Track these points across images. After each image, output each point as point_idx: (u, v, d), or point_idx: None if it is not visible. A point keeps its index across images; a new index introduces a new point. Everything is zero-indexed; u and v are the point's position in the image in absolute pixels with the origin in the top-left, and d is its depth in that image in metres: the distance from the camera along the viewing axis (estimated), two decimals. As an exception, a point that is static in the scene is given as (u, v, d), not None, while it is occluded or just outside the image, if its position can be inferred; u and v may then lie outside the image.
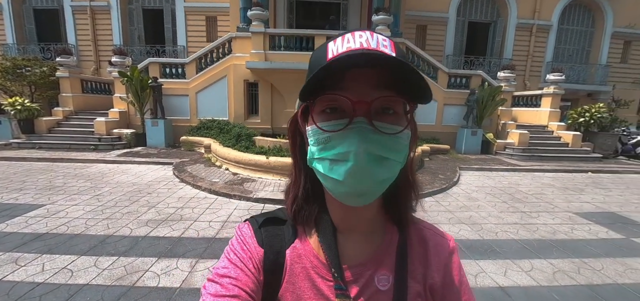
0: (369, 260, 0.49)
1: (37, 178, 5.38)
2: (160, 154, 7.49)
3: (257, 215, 0.55)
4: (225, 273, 0.45)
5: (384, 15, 8.81)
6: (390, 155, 0.41)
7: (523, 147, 9.09)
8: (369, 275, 0.48)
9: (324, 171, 0.42)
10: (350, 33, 0.41)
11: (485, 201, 4.89)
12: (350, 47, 0.39)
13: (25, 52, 12.37)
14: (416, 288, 0.49)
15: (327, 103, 0.41)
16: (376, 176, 0.40)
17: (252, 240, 0.50)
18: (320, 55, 0.42)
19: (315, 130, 0.42)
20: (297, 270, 0.49)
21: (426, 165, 7.07)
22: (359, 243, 0.50)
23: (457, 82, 10.07)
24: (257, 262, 0.48)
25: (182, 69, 9.37)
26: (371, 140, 0.39)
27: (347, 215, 0.48)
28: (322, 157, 0.42)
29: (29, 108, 8.26)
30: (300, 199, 0.51)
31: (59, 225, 3.47)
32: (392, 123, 0.41)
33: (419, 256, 0.52)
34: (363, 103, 0.39)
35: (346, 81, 0.39)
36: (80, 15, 12.82)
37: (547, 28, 14.09)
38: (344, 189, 0.41)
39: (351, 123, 0.39)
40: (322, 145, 0.41)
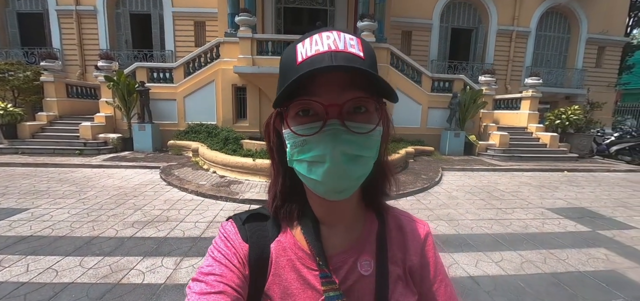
0: (351, 248, 0.51)
1: (20, 183, 5.33)
2: (147, 158, 7.48)
3: (240, 212, 0.56)
4: (210, 271, 0.46)
5: (368, 22, 9.06)
6: (364, 153, 0.42)
7: (504, 147, 9.44)
8: (352, 262, 0.50)
9: (303, 172, 0.44)
10: (318, 34, 0.42)
11: (464, 199, 5.11)
12: (319, 50, 0.40)
13: (7, 57, 12.11)
14: (396, 271, 0.52)
15: (300, 107, 0.42)
16: (352, 174, 0.42)
17: (236, 236, 0.51)
18: (289, 58, 0.43)
19: (290, 134, 0.43)
20: (283, 263, 0.50)
21: (410, 166, 7.30)
22: (340, 232, 0.52)
23: (441, 86, 10.40)
24: (242, 257, 0.49)
25: (169, 73, 9.37)
26: (345, 141, 0.41)
27: (329, 208, 0.50)
28: (300, 159, 0.43)
29: (12, 113, 8.12)
30: (280, 197, 0.52)
31: (44, 228, 3.48)
32: (364, 122, 0.42)
33: (397, 242, 0.54)
34: (335, 106, 0.40)
35: (317, 84, 0.40)
36: (65, 19, 12.66)
37: (526, 34, 14.67)
38: (323, 188, 0.43)
39: (325, 126, 0.41)
40: (299, 147, 0.43)
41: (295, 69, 0.41)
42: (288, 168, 0.50)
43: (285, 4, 12.71)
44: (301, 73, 0.38)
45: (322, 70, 0.38)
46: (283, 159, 0.49)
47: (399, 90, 9.98)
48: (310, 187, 0.46)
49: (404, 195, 5.06)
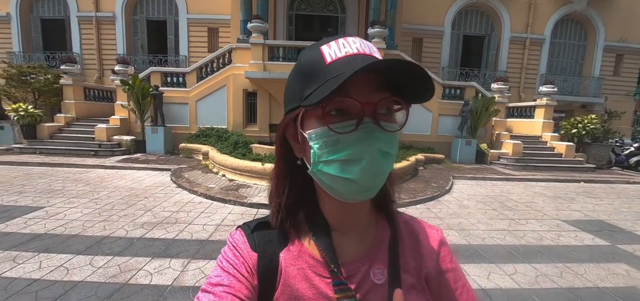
0: (364, 256, 0.50)
1: (36, 182, 5.50)
2: (159, 161, 7.62)
3: (249, 221, 0.55)
4: (218, 282, 0.45)
5: (379, 29, 9.07)
6: (392, 150, 0.44)
7: (517, 156, 9.21)
8: (365, 270, 0.49)
9: (334, 173, 0.42)
10: (344, 38, 0.43)
11: (475, 208, 4.99)
12: (348, 52, 0.41)
13: (30, 60, 12.62)
14: (409, 280, 0.51)
15: (336, 105, 0.42)
16: (384, 170, 0.43)
17: (244, 245, 0.50)
18: (314, 59, 0.43)
19: (324, 133, 0.42)
20: (293, 272, 0.49)
21: (420, 174, 7.19)
22: (353, 240, 0.51)
23: (452, 93, 10.28)
24: (250, 267, 0.48)
25: (183, 78, 9.58)
26: (379, 138, 0.42)
27: (344, 213, 0.49)
28: (330, 159, 0.42)
29: (32, 114, 8.43)
30: (285, 209, 0.51)
31: (57, 226, 3.57)
32: (392, 121, 0.44)
33: (410, 249, 0.53)
34: (370, 105, 0.41)
35: (348, 84, 0.39)
36: (85, 25, 13.14)
37: (540, 41, 14.39)
38: (355, 187, 0.42)
39: (360, 124, 0.41)
40: (331, 147, 0.42)
41: (326, 69, 0.41)
42: (295, 176, 0.50)
43: (296, 11, 12.86)
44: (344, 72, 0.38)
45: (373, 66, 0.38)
46: (290, 168, 0.50)
47: (409, 97, 9.88)
48: (336, 189, 0.44)
49: (414, 202, 4.97)
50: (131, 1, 13.17)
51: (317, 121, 0.43)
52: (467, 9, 14.27)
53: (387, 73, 0.41)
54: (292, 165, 0.50)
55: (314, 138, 0.43)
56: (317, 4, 12.91)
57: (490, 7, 14.09)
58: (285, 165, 0.51)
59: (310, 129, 0.44)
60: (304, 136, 0.45)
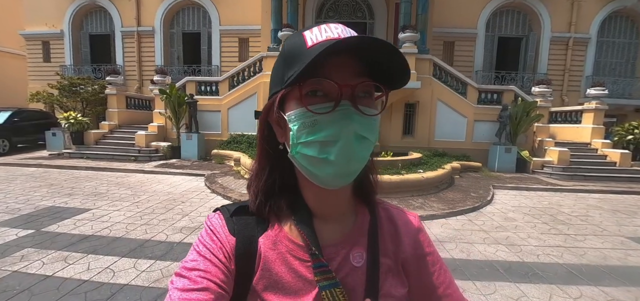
0: (344, 240, 0.51)
1: (84, 185, 5.86)
2: (193, 166, 7.87)
3: (228, 204, 0.54)
4: (194, 266, 0.44)
5: (411, 33, 8.84)
6: (370, 136, 0.44)
7: (563, 165, 8.48)
8: (344, 254, 0.50)
9: (312, 153, 0.43)
10: (326, 24, 0.44)
11: (523, 221, 4.59)
12: (330, 36, 0.41)
13: (79, 72, 13.73)
14: (387, 263, 0.52)
15: (312, 87, 0.42)
16: (360, 155, 0.43)
17: (222, 229, 0.49)
18: (296, 44, 0.43)
19: (302, 113, 0.42)
20: (273, 257, 0.48)
21: (457, 183, 6.80)
22: (333, 226, 0.51)
23: (488, 97, 9.75)
24: (228, 251, 0.47)
25: (215, 86, 9.91)
26: (357, 121, 0.42)
27: (324, 199, 0.49)
28: (309, 140, 0.42)
29: (80, 122, 9.11)
30: (262, 193, 0.51)
31: (103, 228, 3.73)
32: (370, 106, 0.44)
33: (389, 234, 0.54)
34: (348, 87, 0.42)
35: (328, 68, 0.41)
36: (128, 39, 14.09)
37: (585, 41, 13.32)
38: (333, 169, 0.43)
39: (338, 106, 0.41)
40: (308, 128, 0.42)
41: (307, 52, 0.40)
42: (276, 160, 0.50)
43: (325, 18, 12.93)
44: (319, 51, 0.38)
45: (341, 45, 0.38)
46: (272, 152, 0.50)
47: (442, 102, 9.54)
48: (314, 173, 0.44)
49: (453, 213, 4.67)
50: (169, 15, 13.95)
51: (296, 103, 0.43)
52: (503, 10, 13.58)
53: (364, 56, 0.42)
54: (274, 150, 0.50)
55: (293, 119, 0.43)
56: (345, 11, 12.90)
57: (527, 6, 13.30)
58: (267, 149, 0.51)
59: (290, 111, 0.44)
60: (284, 119, 0.45)
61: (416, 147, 8.97)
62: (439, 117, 9.59)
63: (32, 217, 4.07)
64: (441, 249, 3.43)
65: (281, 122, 0.46)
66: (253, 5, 12.73)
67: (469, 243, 3.61)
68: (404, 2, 9.74)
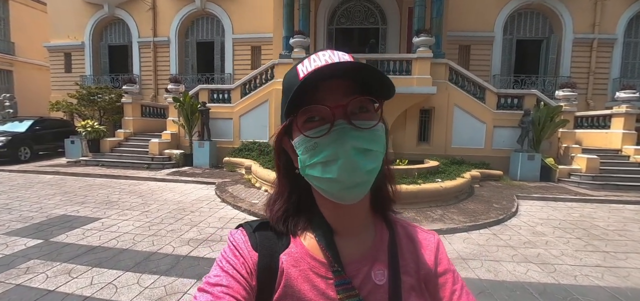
0: (365, 257, 0.50)
1: (97, 193, 5.87)
2: (204, 174, 7.83)
3: (251, 220, 0.55)
4: (217, 282, 0.45)
5: (425, 37, 8.60)
6: (372, 146, 0.44)
7: (593, 173, 7.93)
8: (366, 271, 0.49)
9: (318, 174, 0.44)
10: (315, 54, 0.46)
11: (554, 236, 4.21)
12: (318, 65, 0.43)
13: (99, 82, 14.15)
14: (409, 281, 0.51)
15: (307, 114, 0.44)
16: (364, 166, 0.43)
17: (245, 245, 0.49)
18: (291, 77, 0.46)
19: (302, 140, 0.44)
20: (294, 274, 0.48)
21: (477, 192, 6.43)
22: (353, 242, 0.51)
23: (508, 102, 9.32)
24: (250, 267, 0.47)
25: (227, 94, 9.94)
26: (354, 136, 0.43)
27: (341, 215, 0.50)
28: (313, 162, 0.44)
29: (97, 130, 9.29)
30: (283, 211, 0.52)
31: (111, 239, 3.65)
32: (367, 119, 0.45)
33: (408, 251, 0.54)
34: (339, 107, 0.43)
35: (321, 93, 0.43)
36: (144, 49, 14.45)
37: (610, 42, 12.64)
38: (339, 185, 0.43)
39: (333, 127, 0.43)
40: (310, 151, 0.44)
41: (298, 84, 0.42)
42: (294, 184, 0.51)
43: (336, 25, 12.85)
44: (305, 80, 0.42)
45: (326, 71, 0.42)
46: (289, 175, 0.52)
47: (458, 107, 9.20)
48: (325, 189, 0.45)
49: (476, 227, 4.34)
50: (183, 26, 14.23)
51: (297, 130, 0.45)
52: (521, 11, 13.12)
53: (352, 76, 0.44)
54: (291, 173, 0.51)
55: (297, 145, 0.46)
56: (357, 17, 12.77)
57: (547, 7, 12.78)
58: (285, 173, 0.52)
59: (294, 139, 0.47)
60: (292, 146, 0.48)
61: (432, 154, 8.64)
62: (456, 123, 9.23)
63: (43, 226, 4.05)
64: (465, 267, 3.14)
65: (291, 148, 0.49)
66: (265, 14, 12.81)
67: (495, 262, 3.30)
68: (417, 6, 9.53)
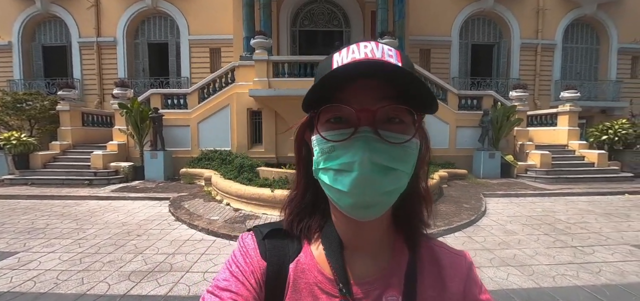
0: (377, 279, 0.46)
1: (19, 219, 4.87)
2: (157, 188, 7.00)
3: (261, 225, 0.51)
4: (226, 286, 0.43)
5: (389, 39, 8.62)
6: (397, 165, 0.39)
7: (546, 168, 8.46)
8: (376, 295, 0.45)
9: (328, 182, 0.40)
10: (356, 44, 0.41)
11: (524, 234, 4.24)
12: (355, 58, 0.39)
13: (30, 87, 12.33)
14: None
15: (331, 113, 0.40)
16: (382, 187, 0.38)
17: (255, 252, 0.47)
18: (325, 65, 0.42)
19: (319, 140, 0.41)
20: (301, 286, 0.45)
21: (446, 193, 6.45)
22: (366, 260, 0.47)
23: (468, 103, 9.69)
24: (258, 276, 0.45)
25: (184, 99, 9.12)
26: (376, 150, 0.38)
27: (354, 230, 0.45)
28: (326, 167, 0.41)
29: (25, 143, 7.93)
30: (297, 211, 0.49)
31: (26, 280, 2.90)
32: (398, 132, 0.39)
33: (430, 276, 0.48)
34: (367, 112, 0.38)
35: (351, 92, 0.39)
36: (86, 50, 12.91)
37: (551, 47, 13.92)
38: (349, 200, 0.39)
39: (356, 133, 0.38)
40: (326, 155, 0.40)
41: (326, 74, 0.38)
42: (312, 181, 0.46)
43: (300, 27, 12.56)
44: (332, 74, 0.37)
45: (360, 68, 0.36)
46: (308, 172, 0.47)
47: (423, 109, 9.33)
48: (335, 200, 0.41)
49: (451, 230, 4.22)
50: (132, 25, 12.98)
51: (316, 127, 0.42)
52: (474, 18, 13.94)
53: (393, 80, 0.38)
54: (311, 169, 0.45)
55: (315, 144, 0.43)
56: (321, 19, 12.60)
57: (497, 14, 13.72)
58: (305, 169, 0.48)
59: (313, 136, 0.43)
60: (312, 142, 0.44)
61: (400, 156, 8.63)
62: (421, 124, 9.35)
63: None
64: (447, 278, 2.94)
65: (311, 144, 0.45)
66: (224, 14, 12.12)
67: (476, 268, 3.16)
68: (380, 9, 9.59)
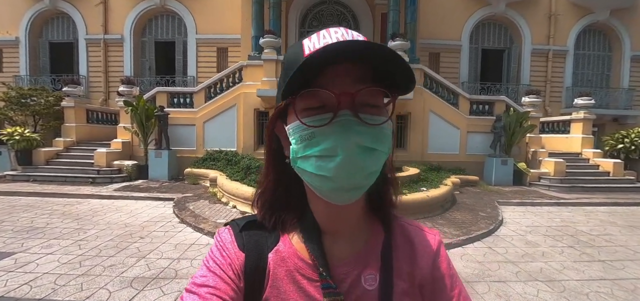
0: (355, 260, 0.47)
1: (18, 217, 4.72)
2: (161, 188, 6.84)
3: (238, 218, 0.52)
4: (204, 282, 0.43)
5: (401, 41, 8.41)
6: (378, 146, 0.40)
7: (560, 177, 8.19)
8: (356, 275, 0.47)
9: (310, 169, 0.40)
10: (326, 30, 0.41)
11: (547, 246, 4.00)
12: (328, 42, 0.39)
13: (36, 83, 12.28)
14: (402, 286, 0.48)
15: (309, 99, 0.39)
16: (366, 168, 0.39)
17: (232, 245, 0.47)
18: (295, 53, 0.42)
19: (297, 127, 0.40)
20: (281, 274, 0.46)
21: (460, 200, 6.21)
22: (344, 243, 0.48)
23: (480, 108, 9.46)
24: (237, 268, 0.45)
25: (190, 98, 8.98)
26: (359, 132, 0.38)
27: (333, 215, 0.46)
28: (307, 154, 0.40)
29: (28, 139, 7.82)
30: (269, 204, 0.49)
31: (22, 284, 2.73)
32: (375, 114, 0.40)
33: (404, 254, 0.50)
34: (347, 95, 0.38)
35: (327, 77, 0.38)
36: (93, 47, 12.86)
37: (563, 53, 13.66)
38: (333, 185, 0.39)
39: (336, 117, 0.38)
40: (305, 142, 0.40)
41: (302, 61, 0.37)
42: (282, 174, 0.47)
43: (308, 28, 12.42)
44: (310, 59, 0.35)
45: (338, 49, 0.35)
46: (278, 165, 0.47)
47: (434, 113, 9.12)
48: (317, 187, 0.41)
49: (470, 240, 3.98)
50: (140, 23, 12.92)
51: (294, 115, 0.41)
52: (485, 22, 13.71)
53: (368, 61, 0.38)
54: (281, 163, 0.47)
55: (291, 132, 0.42)
56: (330, 20, 12.44)
57: (508, 19, 13.50)
58: (275, 162, 0.48)
59: (290, 123, 0.42)
60: (285, 131, 0.43)
61: (410, 161, 8.41)
62: (431, 129, 9.13)
63: None
64: (473, 293, 2.72)
65: (284, 134, 0.44)
66: (232, 13, 12.02)
67: (502, 283, 2.93)
68: (392, 11, 9.39)
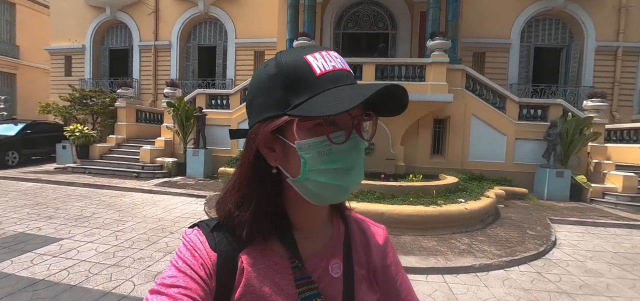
0: (323, 252, 0.51)
1: (71, 206, 5.21)
2: (196, 185, 7.15)
3: (207, 219, 0.51)
4: (173, 283, 0.42)
5: (441, 40, 7.91)
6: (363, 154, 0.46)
7: (630, 193, 7.03)
8: (324, 265, 0.50)
9: (326, 180, 0.43)
10: (326, 51, 0.44)
11: (613, 276, 3.38)
12: (335, 66, 0.43)
13: (97, 86, 13.74)
14: (361, 272, 0.53)
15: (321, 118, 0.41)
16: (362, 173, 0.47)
17: (203, 245, 0.47)
18: (301, 67, 0.43)
19: (320, 142, 0.42)
20: (255, 272, 0.47)
21: (504, 214, 5.58)
22: (314, 238, 0.51)
23: (531, 113, 8.52)
24: (209, 268, 0.45)
25: (227, 99, 9.33)
26: (361, 148, 0.45)
27: (311, 215, 0.50)
28: (324, 168, 0.42)
29: (86, 135, 8.70)
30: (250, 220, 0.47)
31: (61, 270, 2.94)
32: (364, 130, 0.46)
33: (361, 244, 0.56)
34: (355, 118, 0.43)
35: None
36: (145, 53, 14.05)
37: (636, 50, 11.82)
38: (344, 192, 0.45)
39: (349, 137, 0.43)
40: (324, 157, 0.42)
41: (318, 81, 0.41)
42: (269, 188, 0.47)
43: (344, 29, 12.28)
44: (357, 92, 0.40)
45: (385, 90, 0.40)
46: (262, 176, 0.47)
47: (476, 117, 8.42)
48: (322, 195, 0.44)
49: (514, 262, 3.51)
50: (185, 30, 13.82)
51: (308, 131, 0.42)
52: (539, 18, 12.39)
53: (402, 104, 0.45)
54: (264, 176, 0.47)
55: (306, 148, 0.42)
56: (366, 21, 12.18)
57: (567, 14, 12.03)
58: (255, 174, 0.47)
59: (302, 139, 0.43)
60: (288, 146, 0.44)
61: (447, 168, 7.84)
62: (473, 135, 8.43)
63: (-10, 248, 3.37)
64: (515, 327, 2.34)
65: (279, 147, 0.45)
66: (269, 19, 12.31)
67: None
68: (431, 8, 8.87)
